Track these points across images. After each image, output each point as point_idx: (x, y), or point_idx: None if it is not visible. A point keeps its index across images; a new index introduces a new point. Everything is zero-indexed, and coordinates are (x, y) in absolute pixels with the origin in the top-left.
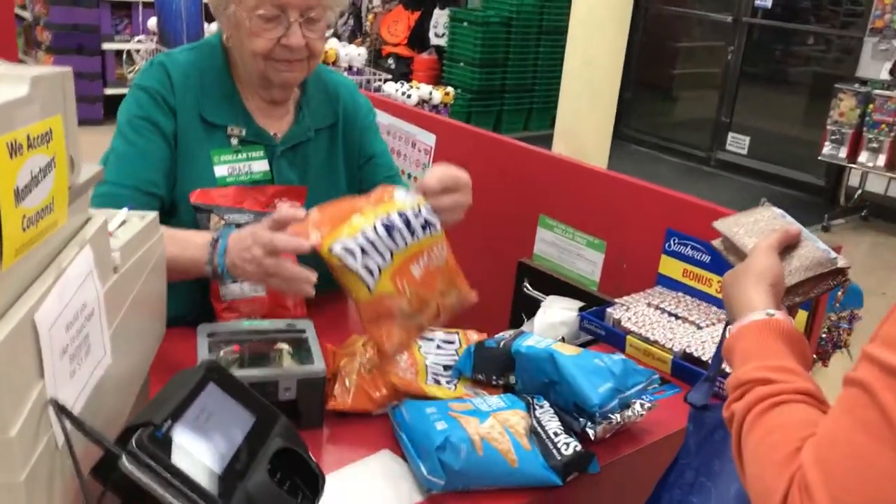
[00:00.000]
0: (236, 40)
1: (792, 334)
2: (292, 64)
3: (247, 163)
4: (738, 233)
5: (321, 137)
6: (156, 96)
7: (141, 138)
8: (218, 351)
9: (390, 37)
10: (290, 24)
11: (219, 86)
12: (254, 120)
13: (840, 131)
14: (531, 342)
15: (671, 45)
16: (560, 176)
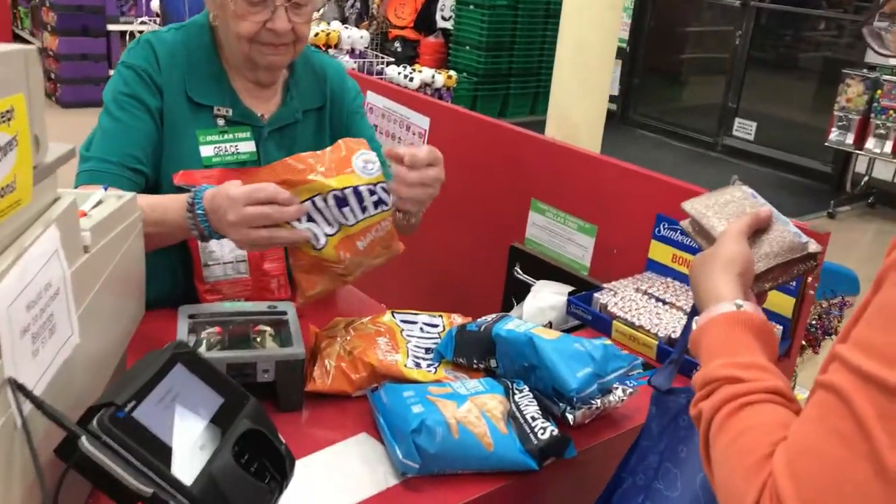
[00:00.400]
0: (222, 21)
1: (761, 327)
2: (278, 48)
3: (233, 143)
4: (707, 215)
5: (309, 119)
6: (142, 74)
7: (127, 115)
8: (199, 332)
9: (397, 20)
10: (275, 8)
11: (206, 65)
12: (241, 100)
13: (847, 117)
14: (511, 326)
15: (680, 31)
16: (552, 160)
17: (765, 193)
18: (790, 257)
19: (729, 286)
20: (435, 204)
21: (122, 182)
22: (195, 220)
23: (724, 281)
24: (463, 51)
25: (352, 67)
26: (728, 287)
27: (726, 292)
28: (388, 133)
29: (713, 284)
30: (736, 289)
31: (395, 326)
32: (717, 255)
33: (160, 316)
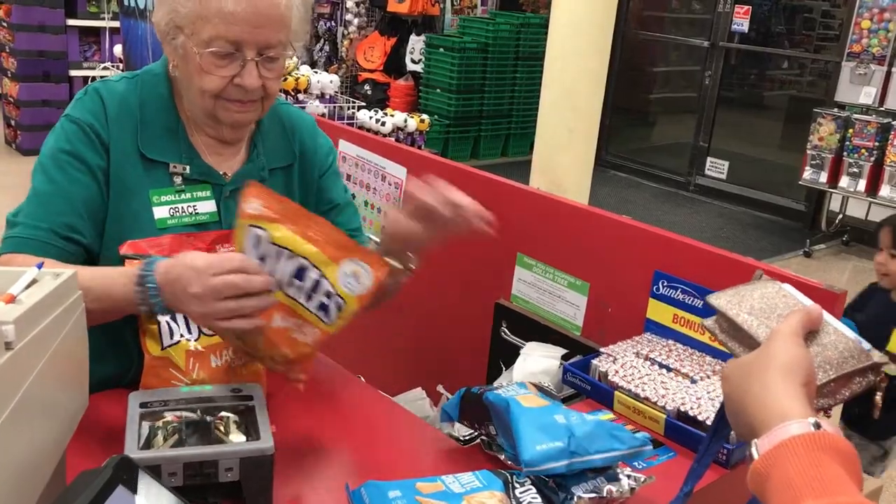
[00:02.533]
0: (184, 73)
1: (848, 455)
2: (245, 105)
3: (191, 203)
4: (742, 313)
5: (276, 178)
6: (86, 129)
7: (64, 176)
8: (153, 422)
9: (366, 62)
10: (245, 63)
11: (161, 119)
12: (200, 157)
13: (820, 156)
14: (501, 389)
15: (648, 71)
16: (539, 212)
17: (739, 232)
18: (852, 368)
19: (796, 399)
20: None
21: (52, 252)
22: (145, 294)
23: (787, 392)
24: (434, 93)
25: (322, 113)
26: (795, 400)
27: (795, 407)
28: (363, 183)
29: (773, 397)
30: (805, 402)
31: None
32: (772, 359)
33: (109, 399)
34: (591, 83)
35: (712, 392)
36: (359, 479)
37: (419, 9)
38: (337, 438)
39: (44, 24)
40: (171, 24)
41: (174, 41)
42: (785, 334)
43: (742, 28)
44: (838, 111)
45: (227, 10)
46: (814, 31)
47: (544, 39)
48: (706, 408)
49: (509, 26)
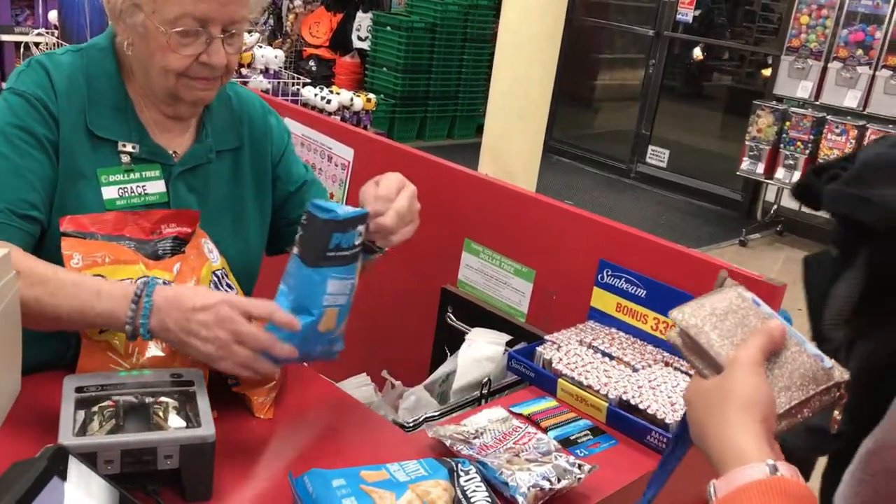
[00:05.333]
0: (142, 51)
1: (802, 497)
2: (210, 82)
3: (140, 183)
4: (704, 330)
5: (224, 160)
6: (34, 102)
7: (16, 151)
8: (89, 408)
9: (312, 38)
10: (211, 40)
11: (109, 95)
12: (149, 135)
13: (758, 147)
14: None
15: (593, 57)
16: (487, 198)
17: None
18: (813, 391)
19: (753, 438)
20: None
21: (12, 232)
22: (137, 312)
23: (746, 430)
24: (380, 72)
25: (266, 88)
26: (752, 439)
27: (751, 447)
28: (308, 163)
29: (731, 434)
30: (762, 442)
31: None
32: (732, 392)
33: (45, 383)
34: (542, 70)
35: (653, 381)
36: (302, 467)
37: None
38: (280, 425)
39: None
40: (128, 1)
41: (131, 19)
42: (744, 364)
43: (687, 18)
44: (776, 104)
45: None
46: (754, 24)
47: (493, 21)
48: (647, 396)
49: (458, 7)
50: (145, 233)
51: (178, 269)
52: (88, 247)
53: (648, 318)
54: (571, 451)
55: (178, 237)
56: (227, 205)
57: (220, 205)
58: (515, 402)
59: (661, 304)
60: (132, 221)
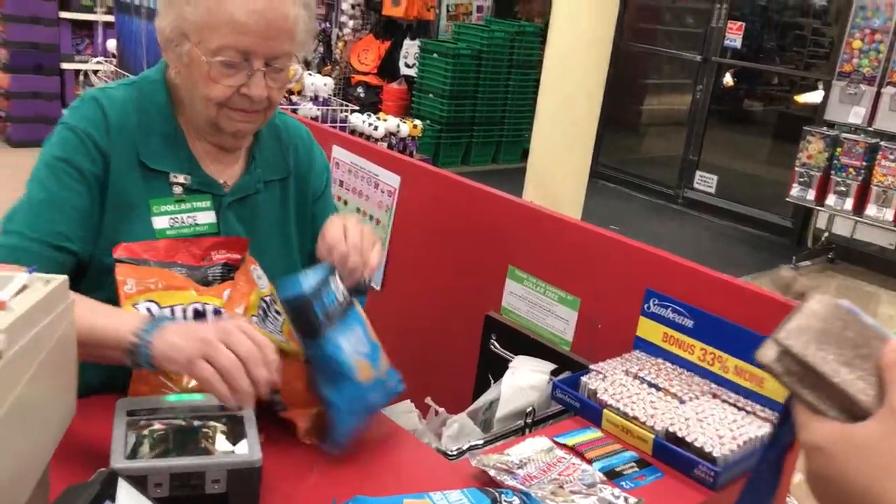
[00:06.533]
0: (187, 80)
1: None
2: (249, 114)
3: (191, 213)
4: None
5: (272, 190)
6: (84, 137)
7: (58, 184)
8: (140, 431)
9: (360, 65)
10: (252, 73)
11: (161, 127)
12: (200, 166)
13: (808, 173)
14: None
15: (640, 83)
16: (531, 225)
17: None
18: None
19: None
20: (402, 268)
21: (43, 262)
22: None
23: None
24: (426, 98)
25: (315, 115)
26: None
27: None
28: (356, 190)
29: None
30: None
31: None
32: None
33: (97, 407)
34: (588, 96)
35: (701, 413)
36: (346, 493)
37: (414, 13)
38: (325, 451)
39: (37, 16)
40: (177, 30)
41: (179, 48)
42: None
43: (735, 44)
44: (827, 129)
45: (239, 21)
46: (804, 49)
47: (539, 48)
48: (694, 429)
49: (504, 34)
50: (196, 259)
51: (229, 296)
52: (141, 273)
53: (696, 348)
54: (617, 483)
55: (227, 263)
56: (274, 233)
57: (268, 233)
58: (560, 433)
59: (708, 334)
60: (183, 248)
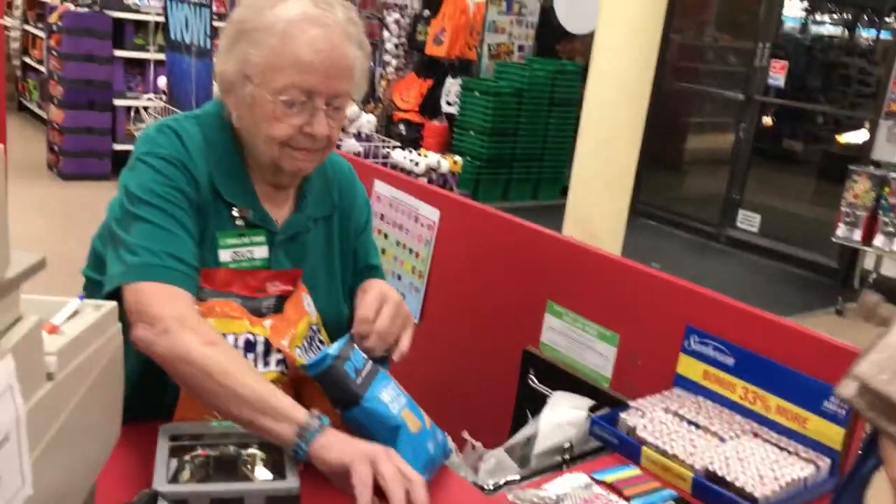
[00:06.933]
0: (249, 122)
1: None
2: (310, 153)
3: (249, 248)
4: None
5: (319, 227)
6: (177, 164)
7: (173, 208)
8: (182, 456)
9: (402, 103)
10: (315, 112)
11: (228, 160)
12: (259, 202)
13: (854, 213)
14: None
15: (683, 121)
16: (570, 260)
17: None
18: None
19: None
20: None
21: (184, 280)
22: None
23: None
24: (467, 135)
25: (358, 151)
26: None
27: None
28: (396, 223)
29: None
30: None
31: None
32: None
33: (142, 432)
34: (628, 134)
35: (742, 452)
36: None
37: (456, 52)
38: None
39: (92, 55)
40: (239, 73)
41: (241, 90)
42: None
43: (778, 83)
44: (874, 169)
45: (304, 60)
46: (850, 88)
47: (579, 86)
48: (735, 468)
49: (544, 72)
50: (251, 290)
51: (271, 325)
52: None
53: (737, 386)
54: None
55: (281, 295)
56: (320, 269)
57: (315, 269)
58: (598, 469)
59: (750, 373)
60: (239, 279)
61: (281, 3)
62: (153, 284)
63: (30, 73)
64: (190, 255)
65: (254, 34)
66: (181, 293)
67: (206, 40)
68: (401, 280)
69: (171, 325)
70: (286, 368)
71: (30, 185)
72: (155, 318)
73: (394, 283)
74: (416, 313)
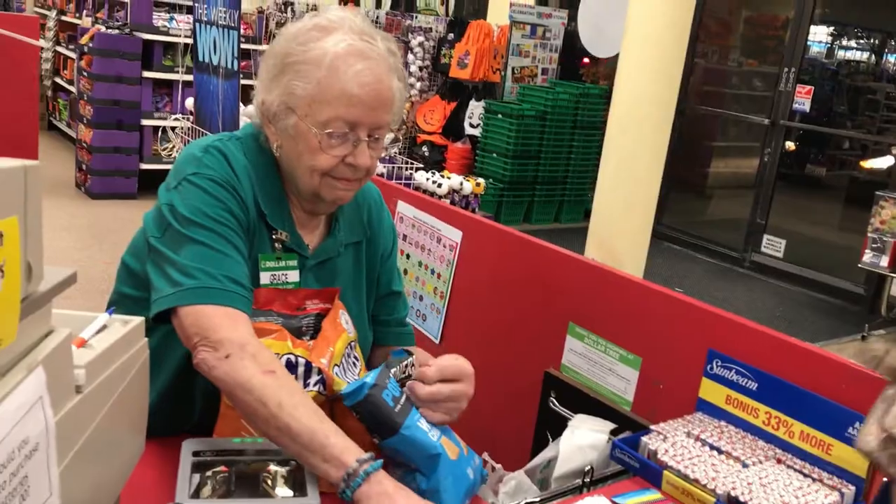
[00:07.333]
0: (291, 152)
1: None
2: (351, 182)
3: (285, 272)
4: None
5: (348, 253)
6: (224, 184)
7: (226, 231)
8: (204, 472)
9: (426, 125)
10: (357, 143)
11: (269, 184)
12: (295, 227)
13: (881, 239)
14: (425, 425)
15: (707, 145)
16: (592, 283)
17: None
18: None
19: None
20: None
21: (241, 301)
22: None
23: None
24: (490, 157)
25: (381, 172)
26: None
27: None
28: (418, 244)
29: None
30: None
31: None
32: None
33: (167, 447)
34: (650, 158)
35: (765, 478)
36: None
37: (480, 75)
38: None
39: (121, 76)
40: (283, 105)
41: (284, 122)
42: None
43: (803, 107)
44: None
45: (350, 93)
46: (877, 113)
47: (602, 109)
48: (757, 494)
49: (568, 95)
50: (291, 309)
51: (312, 346)
52: None
53: (760, 412)
54: None
55: (320, 313)
56: (349, 293)
57: (344, 293)
58: (618, 493)
59: (773, 397)
60: (280, 298)
61: (326, 37)
62: (214, 308)
63: (60, 93)
64: (245, 278)
65: (300, 67)
66: (241, 316)
67: (233, 62)
68: (422, 301)
69: (234, 350)
70: (324, 388)
71: (58, 202)
72: (218, 343)
73: (415, 303)
74: (436, 334)
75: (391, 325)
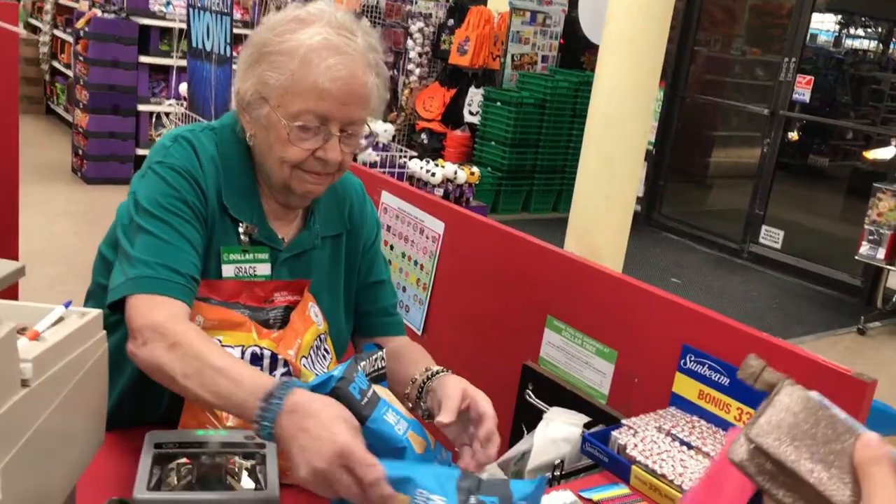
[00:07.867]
0: (262, 142)
1: None
2: (321, 177)
3: (252, 264)
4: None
5: (326, 246)
6: (185, 175)
7: (177, 220)
8: (165, 465)
9: (425, 112)
10: (329, 137)
11: (239, 176)
12: (266, 220)
13: (878, 231)
14: (392, 419)
15: (707, 135)
16: (570, 276)
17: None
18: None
19: None
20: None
21: (181, 291)
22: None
23: None
24: (488, 146)
25: (374, 161)
26: None
27: None
28: (402, 235)
29: None
30: None
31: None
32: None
33: (128, 438)
34: (630, 149)
35: None
36: None
37: (480, 62)
38: None
39: (117, 60)
40: (256, 94)
41: (257, 111)
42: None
43: (804, 98)
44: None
45: (322, 87)
46: (882, 104)
47: None
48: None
49: (568, 83)
50: (258, 301)
51: (277, 337)
52: (207, 311)
53: (731, 407)
54: None
55: (289, 306)
56: (324, 287)
57: (318, 287)
58: (586, 487)
59: (744, 393)
60: (247, 290)
61: (303, 29)
62: (144, 297)
63: (58, 77)
64: (187, 266)
65: (274, 57)
66: (167, 302)
67: (226, 48)
68: (406, 292)
69: (147, 335)
70: None
71: (55, 187)
72: (137, 331)
73: (398, 294)
74: (419, 326)
75: (376, 315)
